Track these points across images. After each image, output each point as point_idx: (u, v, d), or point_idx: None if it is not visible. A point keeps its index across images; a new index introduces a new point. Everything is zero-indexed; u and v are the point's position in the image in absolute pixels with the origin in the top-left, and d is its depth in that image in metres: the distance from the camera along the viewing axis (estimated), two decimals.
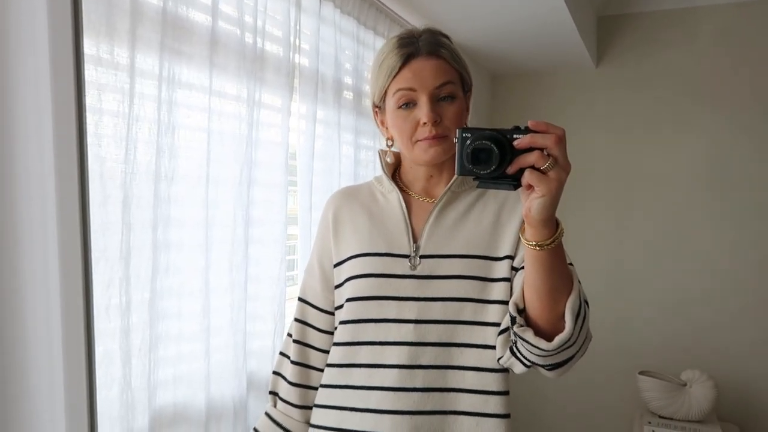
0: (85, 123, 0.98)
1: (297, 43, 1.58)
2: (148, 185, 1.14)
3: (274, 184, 1.50)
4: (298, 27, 1.58)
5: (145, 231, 1.14)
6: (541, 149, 0.75)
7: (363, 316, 1.00)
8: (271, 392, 1.13)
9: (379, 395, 0.96)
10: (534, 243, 0.80)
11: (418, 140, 0.98)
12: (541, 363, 0.90)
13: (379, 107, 1.07)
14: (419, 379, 0.95)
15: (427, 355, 0.96)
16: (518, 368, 0.94)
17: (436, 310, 0.97)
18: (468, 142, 0.78)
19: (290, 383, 1.09)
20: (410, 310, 0.97)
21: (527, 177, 0.75)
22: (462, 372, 0.96)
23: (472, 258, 0.99)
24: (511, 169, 0.76)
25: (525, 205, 0.78)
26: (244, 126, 1.37)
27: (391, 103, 1.01)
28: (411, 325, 0.96)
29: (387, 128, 1.06)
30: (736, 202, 2.70)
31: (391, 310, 0.98)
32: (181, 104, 1.22)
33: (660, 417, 2.56)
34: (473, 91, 1.08)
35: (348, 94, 1.87)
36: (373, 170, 2.00)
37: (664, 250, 2.83)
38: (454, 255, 0.99)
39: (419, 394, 0.95)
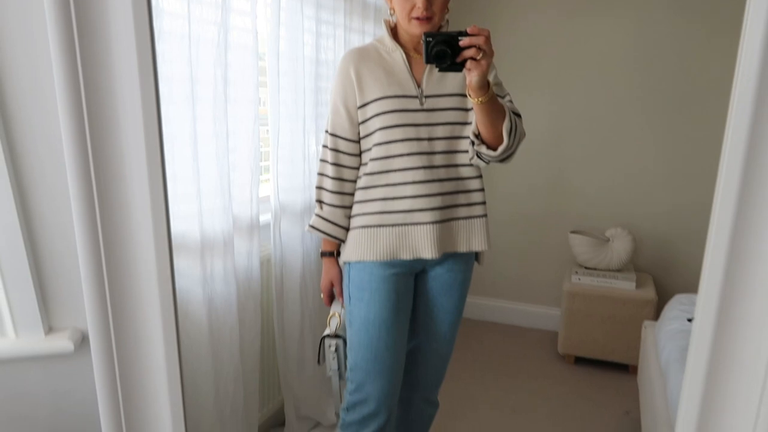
0: None
1: None
2: None
3: (245, 46, 1.67)
4: None
5: None
6: (476, 46, 1.19)
7: (393, 138, 1.42)
8: (317, 200, 1.53)
9: (413, 186, 1.42)
10: (476, 99, 1.28)
11: (412, 18, 1.36)
12: (493, 161, 1.40)
13: None
14: (436, 173, 1.43)
15: (438, 159, 1.44)
16: (481, 164, 1.44)
17: (440, 131, 1.43)
18: (431, 44, 1.21)
19: (331, 192, 1.49)
20: (424, 130, 1.42)
21: (468, 64, 1.22)
22: (456, 168, 1.46)
23: (459, 96, 1.42)
24: (458, 59, 1.22)
25: (468, 79, 1.25)
26: None
27: None
28: (425, 141, 1.42)
29: (392, 2, 1.41)
30: (662, 80, 2.97)
31: (411, 132, 1.41)
32: None
33: (585, 268, 2.98)
34: None
35: None
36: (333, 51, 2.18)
37: (596, 123, 3.13)
38: (448, 94, 1.42)
39: (438, 183, 1.43)
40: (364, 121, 1.45)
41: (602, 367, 2.93)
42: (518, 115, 1.40)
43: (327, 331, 1.58)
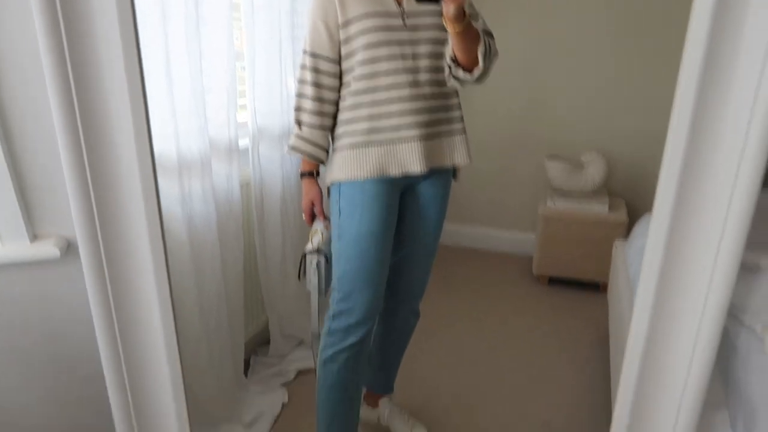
0: None
1: None
2: None
3: None
4: None
5: None
6: None
7: (378, 56, 1.43)
8: (296, 121, 1.53)
9: (399, 103, 1.45)
10: (453, 29, 1.31)
11: None
12: (469, 83, 1.46)
13: None
14: (421, 90, 1.47)
15: (422, 75, 1.47)
16: (457, 85, 1.49)
17: (423, 48, 1.45)
18: None
19: (311, 112, 1.50)
20: (408, 48, 1.44)
21: None
22: (439, 86, 1.50)
23: (439, 15, 1.43)
24: None
25: (444, 10, 1.29)
26: None
27: None
28: (410, 59, 1.45)
29: None
30: (635, 6, 2.96)
31: (395, 50, 1.43)
32: None
33: (561, 192, 3.06)
34: None
35: None
36: None
37: (572, 50, 3.13)
38: (428, 13, 1.43)
39: (423, 100, 1.47)
40: (346, 40, 1.45)
41: (575, 286, 3.07)
42: (490, 35, 1.44)
43: (309, 247, 1.63)
